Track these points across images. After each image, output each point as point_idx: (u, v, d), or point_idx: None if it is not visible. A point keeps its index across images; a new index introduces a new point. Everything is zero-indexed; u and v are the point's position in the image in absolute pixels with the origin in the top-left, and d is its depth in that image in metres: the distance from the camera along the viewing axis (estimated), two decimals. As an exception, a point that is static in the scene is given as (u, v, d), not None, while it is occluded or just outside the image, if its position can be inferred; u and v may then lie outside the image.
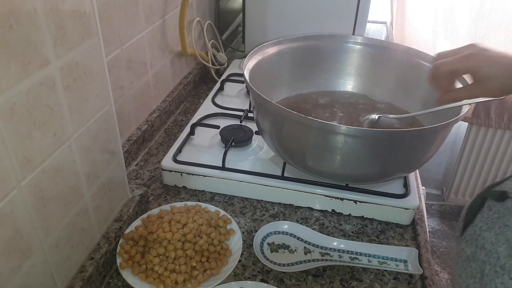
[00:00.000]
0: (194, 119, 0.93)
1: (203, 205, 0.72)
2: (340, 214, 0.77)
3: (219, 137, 0.86)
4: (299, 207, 0.78)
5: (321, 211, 0.77)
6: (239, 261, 0.66)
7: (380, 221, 0.76)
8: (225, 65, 1.24)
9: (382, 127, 0.78)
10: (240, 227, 0.70)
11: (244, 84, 1.08)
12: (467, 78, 0.61)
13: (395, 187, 0.77)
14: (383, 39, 1.58)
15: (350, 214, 0.76)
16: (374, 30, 1.66)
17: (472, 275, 0.39)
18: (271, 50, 0.83)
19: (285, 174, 0.77)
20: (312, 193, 0.76)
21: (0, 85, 0.40)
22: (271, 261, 0.65)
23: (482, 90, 0.55)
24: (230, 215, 0.70)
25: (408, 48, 0.84)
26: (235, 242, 0.66)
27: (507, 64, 0.51)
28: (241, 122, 0.91)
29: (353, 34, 1.17)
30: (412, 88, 0.84)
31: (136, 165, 0.87)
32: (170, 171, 0.79)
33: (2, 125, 0.41)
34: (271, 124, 0.71)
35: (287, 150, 0.72)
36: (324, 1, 1.14)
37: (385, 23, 1.72)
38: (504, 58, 0.52)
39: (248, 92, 1.04)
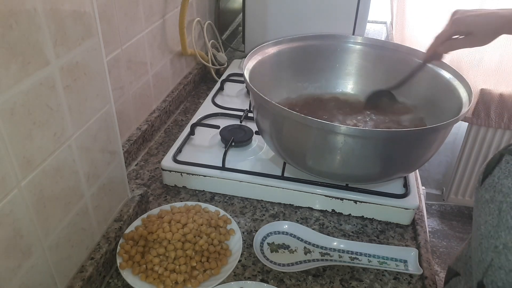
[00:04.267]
0: (194, 119, 0.93)
1: (203, 205, 0.72)
2: (340, 214, 0.77)
3: (219, 137, 0.86)
4: (299, 207, 0.78)
5: (321, 211, 0.77)
6: (239, 261, 0.66)
7: (380, 221, 0.76)
8: (225, 65, 1.24)
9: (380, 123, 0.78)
10: (240, 227, 0.70)
11: (244, 84, 1.08)
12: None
13: (395, 187, 0.77)
14: (383, 39, 1.58)
15: (350, 214, 0.76)
16: (374, 30, 1.66)
17: (490, 213, 0.44)
18: (271, 50, 0.83)
19: (285, 174, 0.77)
20: (312, 193, 0.76)
21: (0, 85, 0.40)
22: (271, 261, 0.65)
23: (467, 41, 0.69)
24: (230, 215, 0.70)
25: (408, 48, 0.84)
26: (235, 242, 0.66)
27: (489, 16, 0.66)
28: (241, 122, 0.91)
29: (353, 34, 1.17)
30: (412, 88, 0.84)
31: (136, 165, 0.87)
32: (170, 171, 0.79)
33: (2, 125, 0.41)
34: (271, 124, 0.71)
35: (287, 150, 0.72)
36: (324, 1, 1.14)
37: (385, 23, 1.72)
38: (484, 14, 0.67)
39: (248, 92, 1.04)
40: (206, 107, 0.99)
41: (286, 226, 0.71)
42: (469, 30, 0.68)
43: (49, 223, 0.50)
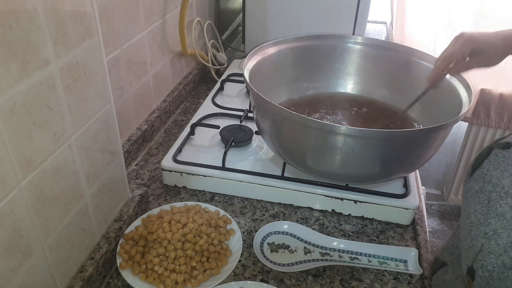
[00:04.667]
0: (194, 119, 0.93)
1: (203, 205, 0.72)
2: (340, 214, 0.77)
3: (219, 137, 0.86)
4: (299, 207, 0.78)
5: (321, 211, 0.77)
6: (239, 261, 0.66)
7: (380, 221, 0.76)
8: (225, 65, 1.24)
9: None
10: (240, 227, 0.70)
11: (244, 84, 1.08)
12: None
13: (395, 187, 0.77)
14: (383, 39, 1.58)
15: (350, 214, 0.76)
16: (374, 30, 1.66)
17: (480, 202, 0.46)
18: (271, 50, 0.83)
19: (285, 174, 0.77)
20: (312, 193, 0.76)
21: (0, 85, 0.40)
22: (271, 261, 0.65)
23: (477, 62, 0.68)
24: (230, 215, 0.70)
25: (408, 48, 0.84)
26: (235, 242, 0.66)
27: (496, 37, 0.66)
28: (241, 122, 0.91)
29: (353, 34, 1.16)
30: (412, 88, 0.84)
31: (136, 165, 0.87)
32: (170, 171, 0.79)
33: (2, 125, 0.41)
34: (271, 124, 0.71)
35: (287, 150, 0.72)
36: (324, 1, 1.14)
37: (385, 23, 1.72)
38: (491, 34, 0.67)
39: (248, 92, 1.04)
40: (206, 107, 0.99)
41: (286, 226, 0.71)
42: (481, 49, 0.66)
43: (49, 223, 0.50)
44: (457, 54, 0.67)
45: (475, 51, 0.66)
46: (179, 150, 0.83)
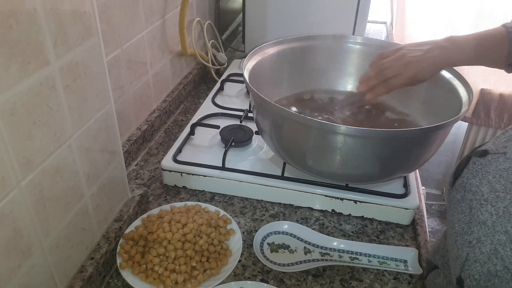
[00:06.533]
0: (194, 119, 0.93)
1: (203, 205, 0.72)
2: (340, 214, 0.77)
3: (219, 137, 0.86)
4: (299, 207, 0.78)
5: (321, 211, 0.77)
6: (239, 261, 0.66)
7: (380, 221, 0.76)
8: (225, 65, 1.24)
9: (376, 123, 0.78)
10: (240, 227, 0.70)
11: (244, 84, 1.08)
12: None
13: (395, 187, 0.77)
14: (383, 39, 1.58)
15: (350, 214, 0.76)
16: (374, 30, 1.66)
17: (462, 211, 0.47)
18: (271, 50, 0.83)
19: (285, 174, 0.77)
20: (312, 193, 0.76)
21: (0, 85, 0.40)
22: (271, 261, 0.65)
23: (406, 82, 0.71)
24: (230, 215, 0.70)
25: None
26: (235, 242, 0.66)
27: (430, 61, 0.68)
28: (241, 122, 0.91)
29: (353, 34, 1.16)
30: (411, 88, 0.84)
31: (136, 165, 0.87)
32: (170, 171, 0.79)
33: (2, 125, 0.41)
34: (271, 124, 0.71)
35: (287, 150, 0.72)
36: (324, 1, 1.14)
37: (385, 23, 1.72)
38: (428, 57, 0.68)
39: (248, 92, 1.04)
40: (206, 107, 0.99)
41: (286, 226, 0.71)
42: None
43: (49, 223, 0.50)
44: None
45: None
46: (179, 150, 0.83)
